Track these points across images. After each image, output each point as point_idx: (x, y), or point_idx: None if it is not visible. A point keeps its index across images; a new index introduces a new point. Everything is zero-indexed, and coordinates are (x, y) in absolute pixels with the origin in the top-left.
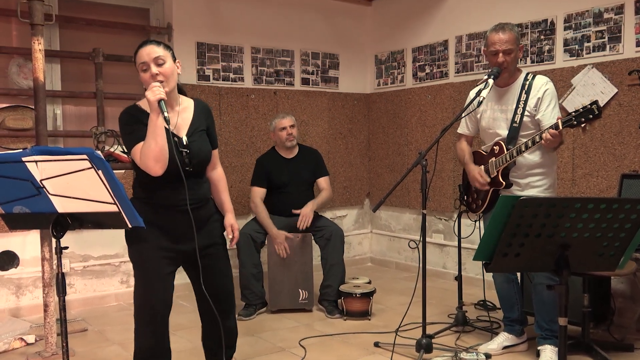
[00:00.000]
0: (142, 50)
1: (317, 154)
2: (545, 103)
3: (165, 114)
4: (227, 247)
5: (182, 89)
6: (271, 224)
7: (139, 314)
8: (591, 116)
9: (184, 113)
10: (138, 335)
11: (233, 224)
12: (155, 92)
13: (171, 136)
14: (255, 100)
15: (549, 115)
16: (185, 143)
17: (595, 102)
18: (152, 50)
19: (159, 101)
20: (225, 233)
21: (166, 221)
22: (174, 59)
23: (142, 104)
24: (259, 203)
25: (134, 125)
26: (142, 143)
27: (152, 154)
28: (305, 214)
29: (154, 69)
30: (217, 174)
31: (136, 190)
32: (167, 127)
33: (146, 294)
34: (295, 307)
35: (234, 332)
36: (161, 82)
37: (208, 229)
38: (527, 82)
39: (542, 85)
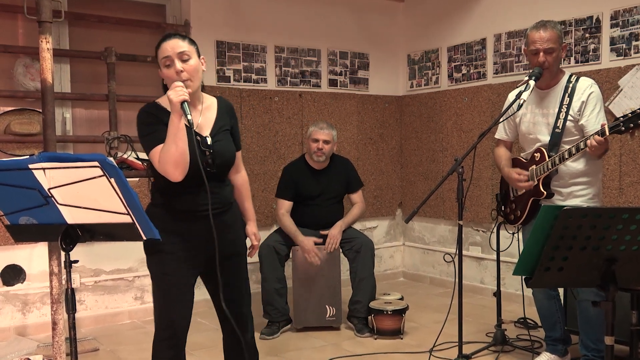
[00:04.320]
0: (165, 43)
1: (349, 165)
2: (589, 107)
3: (189, 116)
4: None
5: (202, 86)
6: (297, 232)
7: (159, 327)
8: None
9: (207, 112)
10: (157, 348)
11: (256, 233)
12: (179, 92)
13: (194, 136)
14: (279, 103)
15: (594, 121)
16: (209, 143)
17: None
18: (177, 45)
19: (182, 103)
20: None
21: (186, 228)
22: (199, 55)
23: (163, 101)
24: (284, 214)
25: (154, 126)
26: (161, 145)
27: (172, 158)
28: (333, 236)
29: (179, 65)
30: (241, 178)
31: (154, 195)
32: (190, 129)
33: (166, 306)
34: (322, 325)
35: (254, 347)
36: (185, 80)
37: (231, 237)
38: (571, 85)
39: (586, 87)
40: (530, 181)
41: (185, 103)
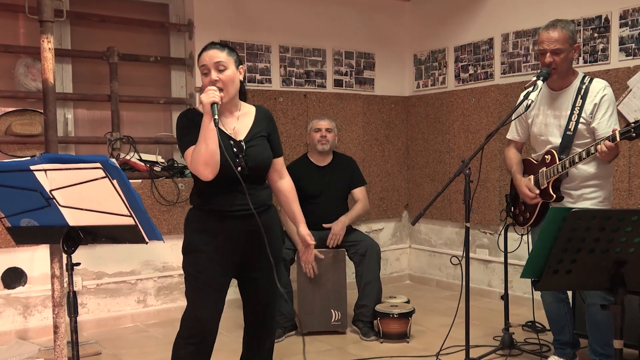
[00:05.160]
0: (205, 53)
1: (352, 163)
2: (602, 110)
3: (216, 116)
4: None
5: (245, 95)
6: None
7: (183, 324)
8: None
9: (243, 118)
10: (176, 344)
11: (309, 234)
12: (210, 95)
13: (224, 138)
14: (284, 104)
15: (605, 124)
16: (242, 146)
17: None
18: (215, 55)
19: (212, 104)
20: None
21: (220, 228)
22: (238, 64)
23: (201, 107)
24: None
25: (190, 129)
26: (194, 146)
27: (202, 157)
28: (336, 232)
29: (214, 74)
30: (286, 183)
31: (193, 197)
32: (221, 129)
33: (194, 303)
34: (327, 330)
35: (270, 356)
36: (220, 89)
37: (268, 240)
38: (584, 86)
39: (599, 89)
40: (536, 199)
41: (215, 105)
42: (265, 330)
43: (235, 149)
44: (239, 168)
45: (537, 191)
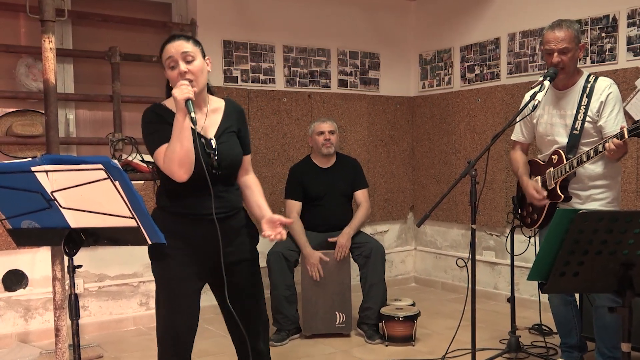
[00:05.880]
0: (169, 45)
1: (356, 164)
2: (608, 108)
3: (192, 114)
4: (275, 238)
5: (210, 89)
6: (306, 242)
7: (162, 337)
8: None
9: (212, 114)
10: (161, 358)
11: (279, 217)
12: (183, 90)
13: (198, 138)
14: (288, 104)
15: (613, 122)
16: (213, 145)
17: None
18: (181, 46)
19: (187, 101)
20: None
21: (192, 232)
22: (204, 56)
23: (168, 103)
24: (295, 218)
25: (159, 125)
26: (166, 145)
27: (177, 157)
28: (342, 244)
29: (183, 66)
30: (253, 178)
31: (160, 198)
32: (193, 128)
33: (170, 315)
34: (332, 332)
35: (267, 356)
36: (190, 80)
37: (238, 243)
38: (589, 85)
39: (605, 88)
40: (544, 201)
41: (190, 101)
42: (252, 337)
43: (206, 148)
44: (213, 170)
45: (545, 193)
